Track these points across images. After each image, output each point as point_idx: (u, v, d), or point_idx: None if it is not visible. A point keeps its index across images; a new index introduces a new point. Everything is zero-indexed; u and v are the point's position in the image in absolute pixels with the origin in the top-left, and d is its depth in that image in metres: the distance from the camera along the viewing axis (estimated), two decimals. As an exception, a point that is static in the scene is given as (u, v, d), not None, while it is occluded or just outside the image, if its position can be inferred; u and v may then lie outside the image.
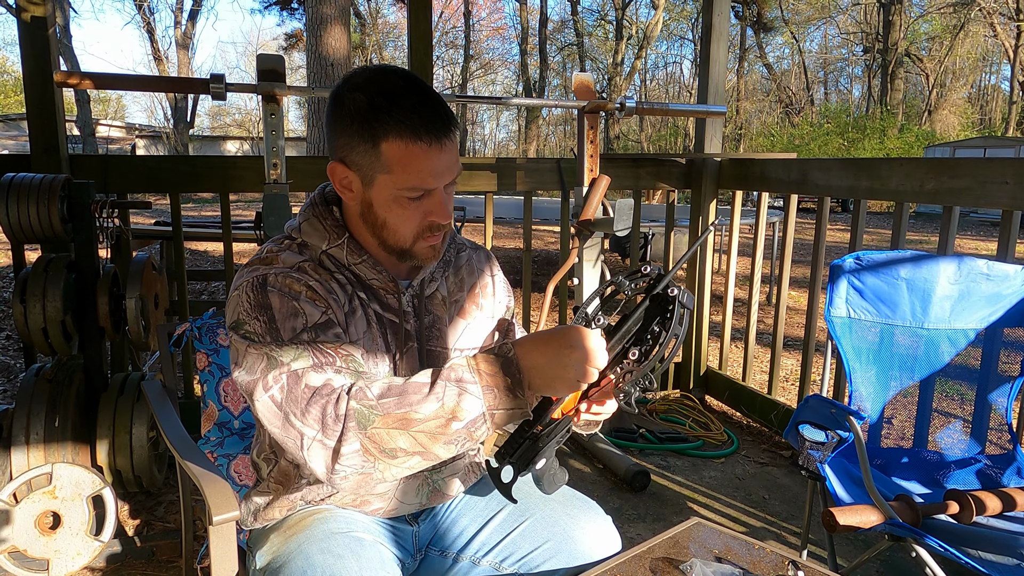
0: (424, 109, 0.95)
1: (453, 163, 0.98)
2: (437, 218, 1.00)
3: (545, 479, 1.05)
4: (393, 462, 0.87)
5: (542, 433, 0.99)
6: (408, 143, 0.94)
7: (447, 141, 0.96)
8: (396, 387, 0.89)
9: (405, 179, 0.96)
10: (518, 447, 0.99)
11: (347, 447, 0.86)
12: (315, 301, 0.97)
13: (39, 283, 1.95)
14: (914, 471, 1.63)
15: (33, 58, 2.26)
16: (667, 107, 2.65)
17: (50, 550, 1.86)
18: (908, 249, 1.68)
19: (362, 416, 0.87)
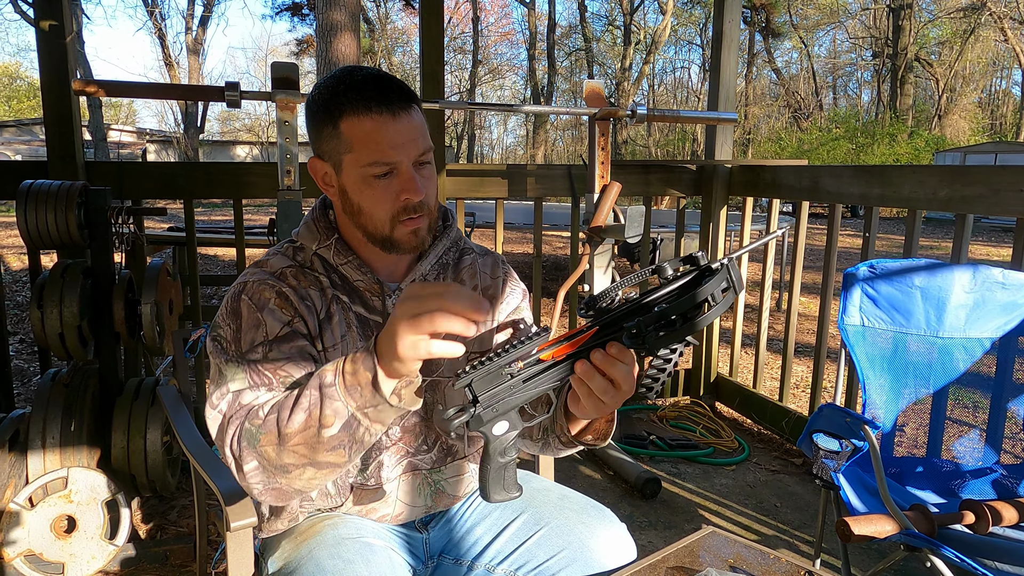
0: (376, 82, 0.97)
1: (415, 136, 0.98)
2: (409, 195, 0.98)
3: (492, 472, 0.86)
4: (290, 476, 0.87)
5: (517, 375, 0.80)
6: (362, 116, 0.95)
7: (402, 113, 0.96)
8: (279, 402, 0.89)
9: (366, 154, 0.96)
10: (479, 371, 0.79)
11: (247, 465, 0.89)
12: (281, 310, 1.01)
13: (56, 289, 1.97)
14: (928, 480, 1.62)
15: (51, 66, 2.29)
16: (678, 114, 2.65)
17: (65, 554, 1.88)
18: (921, 257, 1.68)
19: (251, 436, 0.88)
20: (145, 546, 2.00)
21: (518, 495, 0.89)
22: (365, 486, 1.10)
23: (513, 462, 0.87)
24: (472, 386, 0.80)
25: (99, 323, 2.08)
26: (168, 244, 4.04)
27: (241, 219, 2.67)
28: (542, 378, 0.82)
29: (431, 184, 1.03)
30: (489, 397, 0.81)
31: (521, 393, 0.81)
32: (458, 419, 0.81)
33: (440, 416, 0.83)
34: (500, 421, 0.82)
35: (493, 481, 0.87)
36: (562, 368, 0.82)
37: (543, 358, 0.81)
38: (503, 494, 0.88)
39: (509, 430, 0.84)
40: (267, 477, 0.88)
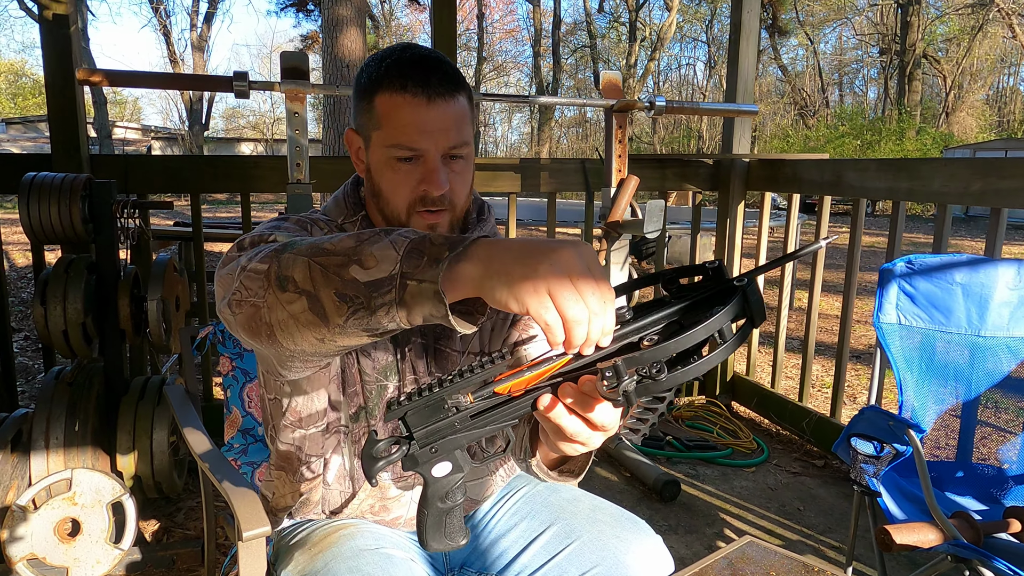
0: (422, 63, 0.91)
1: (447, 125, 0.91)
2: (428, 187, 0.92)
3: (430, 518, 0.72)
4: (281, 296, 0.70)
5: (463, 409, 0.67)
6: (395, 93, 0.90)
7: (439, 99, 0.90)
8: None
9: (392, 134, 0.91)
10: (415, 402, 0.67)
11: (257, 264, 0.73)
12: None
13: (60, 285, 1.92)
14: (969, 486, 1.55)
15: (55, 57, 2.23)
16: (697, 106, 2.58)
17: (69, 558, 1.82)
18: (955, 253, 1.60)
19: (288, 245, 0.73)
20: (151, 550, 1.94)
21: (463, 543, 0.76)
22: (380, 478, 1.04)
23: (459, 507, 0.74)
24: (406, 419, 0.67)
25: (104, 320, 2.02)
26: (174, 239, 3.98)
27: (249, 214, 2.60)
28: (494, 415, 0.67)
29: (460, 180, 0.96)
30: (427, 434, 0.67)
31: (467, 432, 0.67)
32: (385, 459, 0.67)
33: (368, 449, 0.68)
34: (441, 462, 0.69)
35: (431, 527, 0.74)
36: (520, 404, 0.67)
37: (498, 391, 0.66)
38: (443, 542, 0.75)
39: (452, 472, 0.70)
40: (259, 285, 0.72)
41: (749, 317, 0.61)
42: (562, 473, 0.89)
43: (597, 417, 0.66)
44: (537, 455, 0.88)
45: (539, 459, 0.89)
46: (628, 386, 0.59)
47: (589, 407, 0.65)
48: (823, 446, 2.71)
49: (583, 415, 0.66)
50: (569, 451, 0.71)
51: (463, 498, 0.73)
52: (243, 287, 0.74)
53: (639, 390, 0.59)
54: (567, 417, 0.66)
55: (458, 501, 0.73)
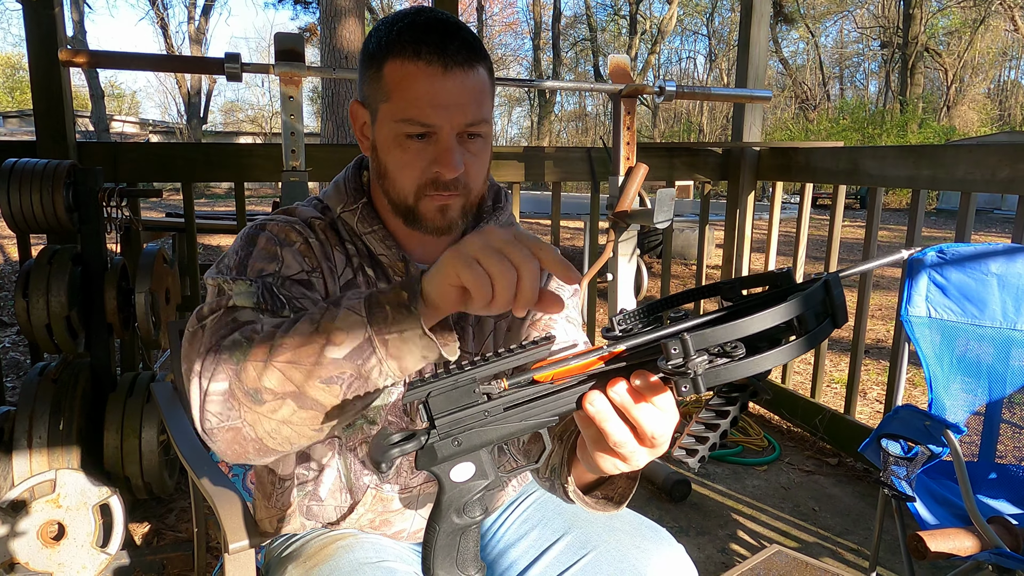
0: (438, 28, 0.81)
1: (465, 100, 0.81)
2: (441, 168, 0.82)
3: (441, 536, 0.60)
4: (260, 409, 0.66)
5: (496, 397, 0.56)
6: (407, 61, 0.80)
7: (457, 69, 0.80)
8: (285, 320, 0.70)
9: (402, 107, 0.81)
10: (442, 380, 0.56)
11: (215, 385, 0.67)
12: (304, 257, 0.86)
13: (42, 276, 1.83)
14: (1003, 489, 1.46)
15: (38, 38, 2.14)
16: (709, 91, 2.49)
17: (53, 563, 1.73)
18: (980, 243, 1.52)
19: (237, 347, 0.67)
20: (140, 554, 1.85)
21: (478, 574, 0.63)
22: (382, 489, 0.96)
23: (475, 528, 0.61)
24: (429, 402, 0.55)
25: (90, 313, 1.93)
26: (166, 231, 3.89)
27: (243, 203, 2.51)
28: (533, 408, 0.56)
29: (477, 162, 0.86)
30: (451, 423, 0.56)
31: (498, 425, 0.56)
32: (398, 448, 0.56)
33: (378, 441, 0.57)
34: (462, 462, 0.57)
35: (441, 550, 0.60)
36: (564, 398, 0.56)
37: (538, 379, 0.56)
38: (453, 572, 0.61)
39: (474, 478, 0.58)
40: (230, 408, 0.67)
41: (832, 314, 0.51)
42: (599, 500, 0.76)
43: (648, 422, 0.56)
44: (572, 477, 0.76)
45: (574, 482, 0.76)
46: (698, 366, 0.48)
47: (643, 403, 0.56)
48: (837, 444, 2.62)
49: (631, 418, 0.56)
50: (608, 468, 0.60)
51: (482, 516, 0.61)
52: (210, 415, 0.68)
53: (709, 375, 0.48)
54: (614, 420, 0.56)
55: (476, 518, 0.61)
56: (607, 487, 0.76)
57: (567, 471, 0.76)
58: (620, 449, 0.58)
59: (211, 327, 0.73)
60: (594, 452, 0.60)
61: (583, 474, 0.75)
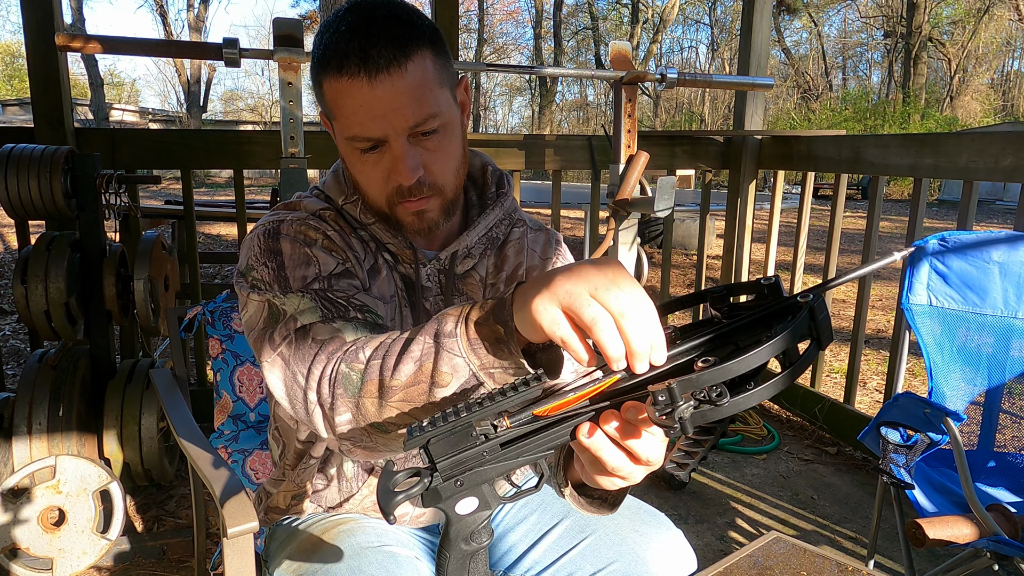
0: (359, 32, 0.76)
1: (401, 103, 0.77)
2: (398, 178, 0.80)
3: (452, 562, 0.64)
4: (388, 436, 0.70)
5: (492, 437, 0.59)
6: (335, 78, 0.77)
7: (384, 75, 0.75)
8: (386, 343, 0.70)
9: (346, 125, 0.79)
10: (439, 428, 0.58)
11: (340, 417, 0.70)
12: (332, 251, 0.85)
13: (41, 263, 1.82)
14: (1002, 477, 1.46)
15: (35, 23, 2.12)
16: (711, 78, 2.47)
17: (54, 548, 1.74)
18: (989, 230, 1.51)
19: (349, 382, 0.69)
20: (140, 540, 1.86)
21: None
22: None
23: (483, 551, 0.65)
24: (428, 448, 0.58)
25: (88, 300, 1.93)
26: (166, 218, 3.88)
27: (242, 191, 2.50)
28: (528, 443, 0.59)
29: (439, 158, 0.82)
30: (452, 465, 0.59)
31: (497, 463, 0.59)
32: (404, 494, 0.58)
33: (384, 485, 0.59)
34: (466, 497, 0.61)
35: (453, 574, 0.65)
36: (559, 431, 0.59)
37: (537, 414, 0.59)
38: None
39: (478, 509, 0.61)
40: (360, 434, 0.71)
41: (816, 337, 0.54)
42: (593, 502, 0.78)
43: (642, 449, 0.58)
44: (570, 484, 0.78)
45: (572, 488, 0.78)
46: (684, 412, 0.51)
47: (634, 435, 0.57)
48: (836, 433, 2.63)
49: (626, 446, 0.58)
50: (607, 485, 0.62)
51: (489, 540, 0.64)
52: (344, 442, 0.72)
53: (695, 417, 0.51)
54: (609, 449, 0.58)
55: (483, 543, 0.64)
56: (602, 491, 0.77)
57: (564, 477, 0.78)
58: (617, 472, 0.60)
59: (294, 353, 0.74)
60: (592, 473, 0.62)
61: (580, 481, 0.76)
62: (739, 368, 0.51)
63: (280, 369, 0.75)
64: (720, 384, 0.51)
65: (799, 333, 0.53)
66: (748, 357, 0.51)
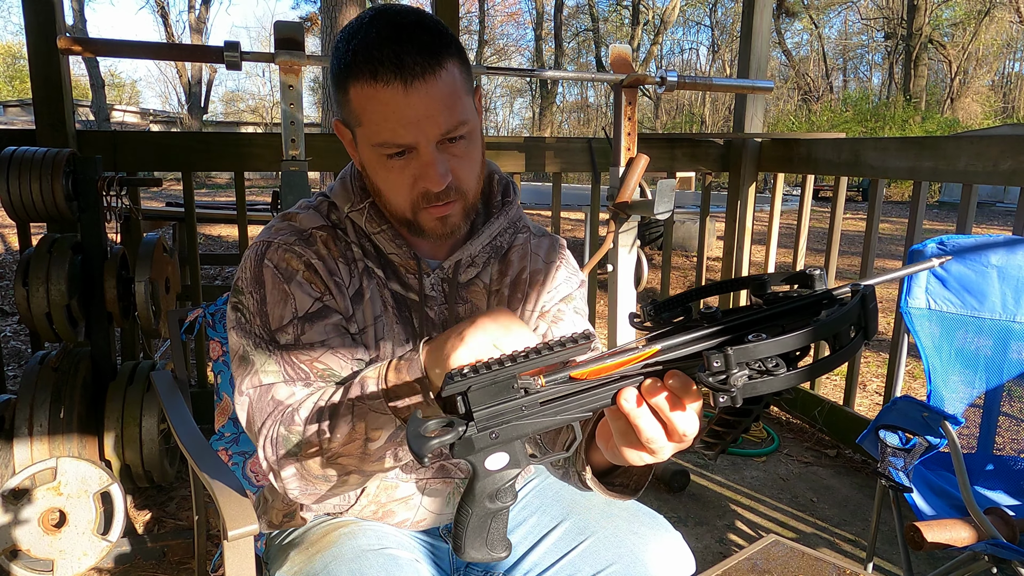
0: (392, 39, 0.76)
1: (435, 111, 0.77)
2: (427, 184, 0.81)
3: (473, 519, 0.63)
4: (331, 484, 0.80)
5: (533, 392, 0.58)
6: (367, 84, 0.77)
7: (419, 82, 0.76)
8: (317, 407, 0.79)
9: (374, 132, 0.80)
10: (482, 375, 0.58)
11: (285, 472, 0.80)
12: (311, 284, 0.87)
13: (42, 265, 1.83)
14: (1000, 480, 1.47)
15: (37, 26, 2.13)
16: (711, 82, 2.48)
17: (55, 550, 1.74)
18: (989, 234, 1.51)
19: (288, 443, 0.79)
20: (141, 541, 1.86)
21: (504, 555, 0.67)
22: (385, 478, 0.96)
23: (505, 512, 0.65)
24: (468, 396, 0.58)
25: (90, 302, 1.93)
26: (167, 220, 3.88)
27: (243, 193, 2.51)
28: (568, 403, 0.59)
29: (465, 164, 0.84)
30: (489, 416, 0.58)
31: (534, 419, 0.59)
32: (437, 438, 0.57)
33: (416, 430, 0.58)
34: (497, 452, 0.60)
35: (472, 532, 0.63)
36: (599, 394, 0.59)
37: (575, 376, 0.59)
38: (483, 551, 0.65)
39: (507, 467, 0.61)
40: (306, 484, 0.80)
41: (864, 327, 0.55)
42: (615, 488, 0.79)
43: (681, 422, 0.59)
44: (589, 466, 0.78)
45: (591, 470, 0.79)
46: (738, 379, 0.51)
47: (677, 406, 0.58)
48: (835, 435, 2.63)
49: (665, 417, 0.59)
50: (634, 460, 0.63)
51: (512, 501, 0.64)
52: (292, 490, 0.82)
53: (747, 388, 0.51)
54: (647, 418, 0.59)
55: (507, 503, 0.64)
56: (624, 475, 0.79)
57: (584, 460, 0.78)
58: (650, 445, 0.61)
59: (256, 404, 0.84)
60: (621, 445, 0.63)
61: (600, 463, 0.78)
62: (795, 343, 0.52)
63: (246, 411, 0.85)
64: (776, 356, 0.51)
65: (852, 317, 0.54)
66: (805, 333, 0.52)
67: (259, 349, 0.85)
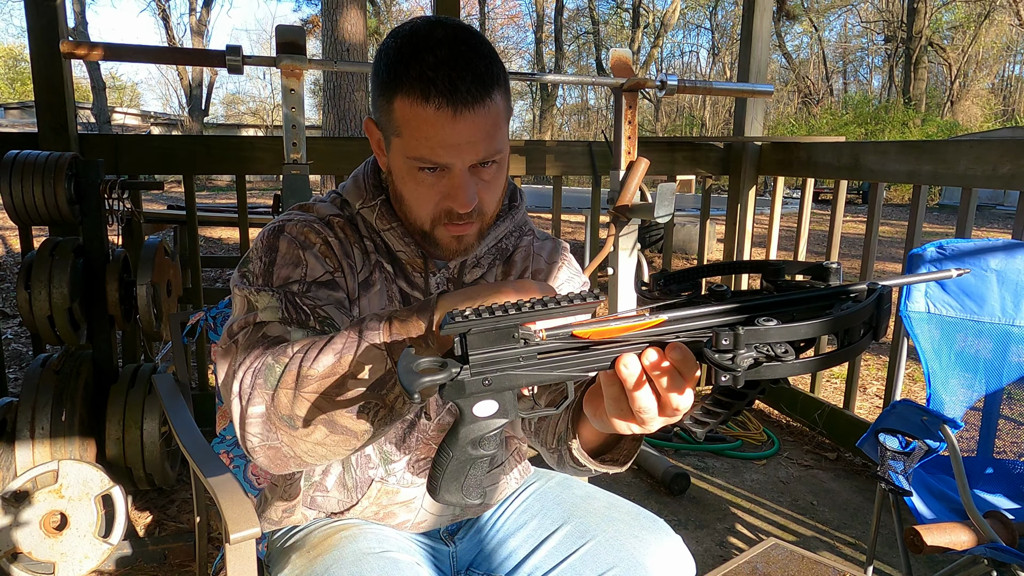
0: (447, 67, 0.77)
1: (477, 138, 0.80)
2: (454, 204, 0.83)
3: (452, 463, 0.62)
4: (295, 433, 0.70)
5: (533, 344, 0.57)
6: (416, 103, 0.78)
7: (467, 111, 0.78)
8: (314, 339, 0.72)
9: (413, 146, 0.81)
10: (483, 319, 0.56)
11: (253, 408, 0.71)
12: (325, 258, 0.87)
13: (45, 268, 1.83)
14: (1000, 484, 1.47)
15: (39, 29, 2.14)
16: (711, 86, 2.48)
17: (56, 552, 1.75)
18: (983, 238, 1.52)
19: (271, 373, 0.70)
20: (142, 544, 1.87)
21: (478, 503, 0.67)
22: (386, 482, 0.97)
23: (483, 461, 0.63)
24: (466, 338, 0.56)
25: (92, 305, 1.94)
26: (168, 223, 3.89)
27: (244, 196, 2.52)
28: (566, 360, 0.57)
29: (492, 188, 0.86)
30: (485, 361, 0.56)
31: (530, 370, 0.57)
32: (429, 377, 0.55)
33: (407, 365, 0.56)
34: (487, 399, 0.59)
35: (450, 474, 0.62)
36: (598, 355, 0.57)
37: (577, 334, 0.57)
38: (456, 494, 0.64)
39: (495, 415, 0.60)
40: (269, 429, 0.71)
41: (875, 326, 0.54)
42: (604, 461, 0.79)
43: (675, 395, 0.58)
44: (577, 439, 0.78)
45: (579, 443, 0.79)
46: (744, 360, 0.50)
47: (675, 379, 0.58)
48: (835, 438, 2.63)
49: (660, 389, 0.59)
50: (622, 429, 0.63)
51: (495, 451, 0.63)
52: (251, 435, 0.72)
53: (751, 372, 0.51)
54: (642, 388, 0.59)
55: (489, 451, 0.63)
56: (614, 451, 0.79)
57: (572, 433, 0.78)
58: (641, 415, 0.60)
59: (243, 343, 0.76)
60: (611, 413, 0.63)
61: (591, 438, 0.78)
62: (807, 332, 0.51)
63: (226, 354, 0.78)
64: (787, 343, 0.51)
65: (865, 314, 0.53)
66: (820, 323, 0.51)
67: (261, 293, 0.81)
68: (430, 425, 0.96)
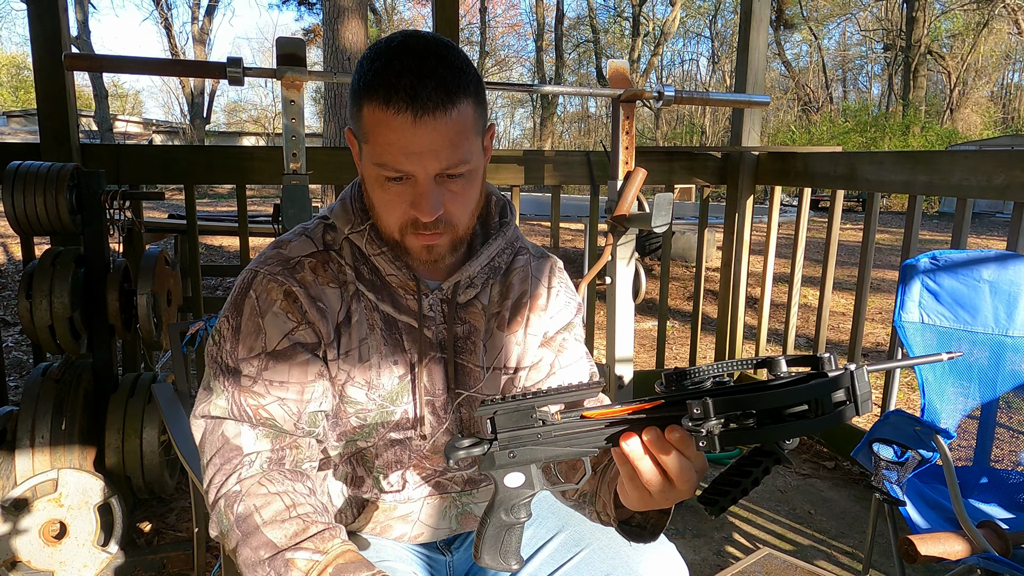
0: (413, 71, 0.78)
1: (439, 146, 0.79)
2: (418, 213, 0.83)
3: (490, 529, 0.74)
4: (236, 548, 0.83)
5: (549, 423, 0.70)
6: (379, 108, 0.79)
7: (428, 117, 0.77)
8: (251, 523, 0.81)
9: (378, 152, 0.81)
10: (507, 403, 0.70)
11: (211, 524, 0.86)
12: (286, 314, 0.88)
13: (46, 278, 1.85)
14: (994, 493, 1.48)
15: (43, 40, 2.16)
16: (708, 96, 2.50)
17: (55, 561, 1.75)
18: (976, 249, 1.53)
19: (220, 520, 0.84)
20: (141, 553, 1.87)
21: (515, 567, 0.77)
22: (382, 500, 0.98)
23: (519, 527, 0.76)
24: (495, 418, 0.70)
25: (92, 315, 1.95)
26: (168, 232, 3.91)
27: (244, 206, 2.53)
28: (578, 438, 0.70)
29: (459, 200, 0.86)
30: (510, 438, 0.71)
31: (548, 447, 0.70)
32: (466, 451, 0.71)
33: (452, 444, 0.72)
34: (515, 472, 0.72)
35: (489, 541, 0.75)
36: (605, 434, 0.69)
37: (586, 415, 0.70)
38: (496, 559, 0.76)
39: (523, 486, 0.73)
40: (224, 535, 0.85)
41: (854, 402, 0.61)
42: (632, 529, 0.84)
43: (673, 466, 0.67)
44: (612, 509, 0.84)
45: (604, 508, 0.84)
46: (714, 427, 0.59)
47: (668, 454, 0.66)
48: (833, 447, 2.64)
49: (661, 461, 0.67)
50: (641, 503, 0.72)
51: (527, 517, 0.75)
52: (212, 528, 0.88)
53: (724, 437, 0.60)
54: (643, 458, 0.68)
55: (521, 519, 0.74)
56: (642, 516, 0.85)
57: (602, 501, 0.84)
58: (650, 487, 0.69)
59: (208, 436, 0.88)
60: (628, 485, 0.71)
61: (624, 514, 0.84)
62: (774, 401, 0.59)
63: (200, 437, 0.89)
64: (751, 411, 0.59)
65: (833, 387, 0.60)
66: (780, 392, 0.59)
67: (217, 379, 0.89)
68: (425, 445, 0.97)
